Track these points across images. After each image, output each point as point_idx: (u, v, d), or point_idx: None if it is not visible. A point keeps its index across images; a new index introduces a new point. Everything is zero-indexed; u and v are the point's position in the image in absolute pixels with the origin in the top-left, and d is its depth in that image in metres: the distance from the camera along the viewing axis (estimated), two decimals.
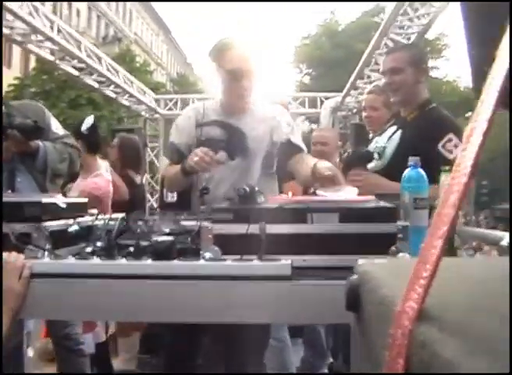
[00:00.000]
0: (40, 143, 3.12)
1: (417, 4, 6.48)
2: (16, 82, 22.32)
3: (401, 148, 2.86)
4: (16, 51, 26.33)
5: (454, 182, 0.51)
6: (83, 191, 4.05)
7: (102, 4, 37.76)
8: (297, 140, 2.94)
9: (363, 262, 0.87)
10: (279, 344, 3.77)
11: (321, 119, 11.04)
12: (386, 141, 3.00)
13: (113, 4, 40.32)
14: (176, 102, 12.34)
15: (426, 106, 3.00)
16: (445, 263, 0.51)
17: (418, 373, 0.46)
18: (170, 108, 12.18)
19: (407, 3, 6.52)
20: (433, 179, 2.36)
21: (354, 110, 10.75)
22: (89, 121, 4.21)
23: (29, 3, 6.05)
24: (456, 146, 2.72)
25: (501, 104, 0.51)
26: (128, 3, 43.18)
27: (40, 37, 6.94)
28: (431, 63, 29.35)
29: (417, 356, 0.46)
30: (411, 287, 0.51)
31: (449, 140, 2.74)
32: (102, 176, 4.31)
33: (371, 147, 3.11)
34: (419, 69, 3.00)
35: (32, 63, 23.36)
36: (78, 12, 33.84)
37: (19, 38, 6.80)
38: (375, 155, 3.00)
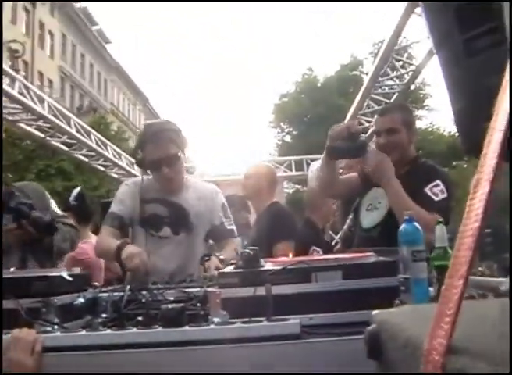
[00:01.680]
0: None
1: (396, 64, 6.69)
2: None
3: None
4: None
5: (467, 228, 0.56)
6: (70, 256, 4.06)
7: (75, 74, 36.76)
8: (230, 224, 3.11)
9: (378, 312, 0.91)
10: None
11: (309, 181, 11.11)
12: (383, 194, 3.03)
13: (87, 74, 39.15)
14: None
15: (417, 161, 3.13)
16: None
17: None
18: None
19: (385, 65, 6.74)
20: None
21: (341, 170, 10.86)
22: (76, 191, 4.28)
23: (20, 83, 6.21)
24: (442, 192, 2.85)
25: (500, 157, 0.57)
26: (102, 73, 42.08)
27: (31, 116, 7.08)
28: (414, 113, 29.38)
29: None
30: (437, 326, 0.56)
31: (437, 185, 2.88)
32: (90, 243, 4.33)
33: (370, 196, 3.16)
34: (412, 131, 3.13)
35: None
36: (50, 82, 32.40)
37: (10, 117, 6.94)
38: (368, 212, 3.09)
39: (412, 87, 26.35)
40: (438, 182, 2.88)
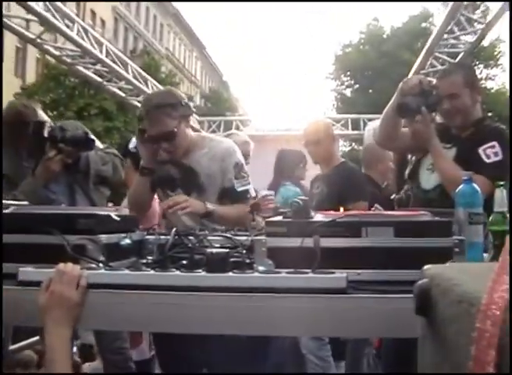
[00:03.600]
0: None
1: (464, 23, 6.42)
2: (20, 91, 19.97)
3: (459, 165, 2.77)
4: (31, 62, 24.84)
5: None
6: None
7: (130, 16, 36.05)
8: (242, 185, 3.02)
9: (430, 266, 0.86)
10: (321, 363, 3.73)
11: (365, 140, 10.99)
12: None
13: (143, 17, 38.49)
14: (219, 124, 12.41)
15: (481, 123, 2.97)
16: None
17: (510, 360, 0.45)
18: (213, 131, 12.09)
19: (452, 22, 6.47)
20: None
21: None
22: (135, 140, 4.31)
23: (79, 26, 6.23)
24: (496, 154, 2.71)
25: None
26: (159, 17, 40.63)
27: (89, 60, 7.12)
28: (486, 72, 27.45)
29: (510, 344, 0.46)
30: (498, 279, 0.50)
31: (493, 146, 2.74)
32: None
33: (425, 163, 3.05)
34: (475, 90, 2.96)
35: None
36: (103, 22, 31.70)
37: (68, 60, 7.00)
38: (429, 171, 2.97)
39: (486, 44, 24.45)
40: (494, 143, 2.73)
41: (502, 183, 1.98)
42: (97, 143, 3.50)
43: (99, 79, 8.06)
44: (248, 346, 2.55)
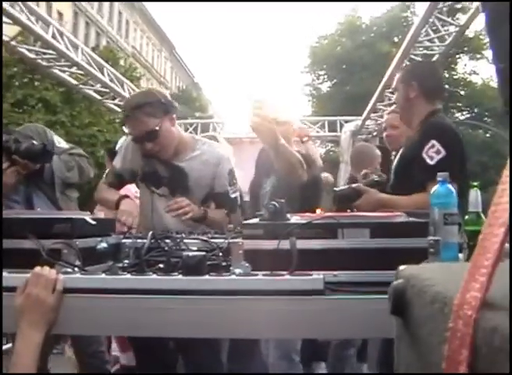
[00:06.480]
0: None
1: (438, 24, 6.46)
2: None
3: (400, 165, 2.97)
4: None
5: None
6: None
7: (92, 10, 33.35)
8: (234, 191, 3.06)
9: (406, 267, 0.86)
10: (289, 364, 3.71)
11: (342, 142, 11.04)
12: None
13: (106, 12, 35.78)
14: (196, 127, 12.33)
15: (425, 122, 3.00)
16: None
17: (485, 360, 0.45)
18: (191, 133, 11.94)
19: (426, 25, 6.52)
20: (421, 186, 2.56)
21: (375, 133, 10.75)
22: (122, 140, 4.27)
23: (54, 29, 6.16)
24: (438, 152, 2.73)
25: None
26: (124, 13, 38.18)
27: (64, 62, 7.05)
28: (472, 65, 26.39)
29: (485, 343, 0.46)
30: (471, 278, 0.50)
31: (432, 146, 2.75)
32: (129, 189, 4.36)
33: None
34: (408, 86, 3.05)
35: None
36: (60, 14, 28.56)
37: (44, 63, 6.93)
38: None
39: (471, 35, 23.90)
40: (433, 142, 2.75)
41: (476, 183, 2.00)
42: (62, 144, 3.40)
43: (75, 82, 8.01)
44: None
